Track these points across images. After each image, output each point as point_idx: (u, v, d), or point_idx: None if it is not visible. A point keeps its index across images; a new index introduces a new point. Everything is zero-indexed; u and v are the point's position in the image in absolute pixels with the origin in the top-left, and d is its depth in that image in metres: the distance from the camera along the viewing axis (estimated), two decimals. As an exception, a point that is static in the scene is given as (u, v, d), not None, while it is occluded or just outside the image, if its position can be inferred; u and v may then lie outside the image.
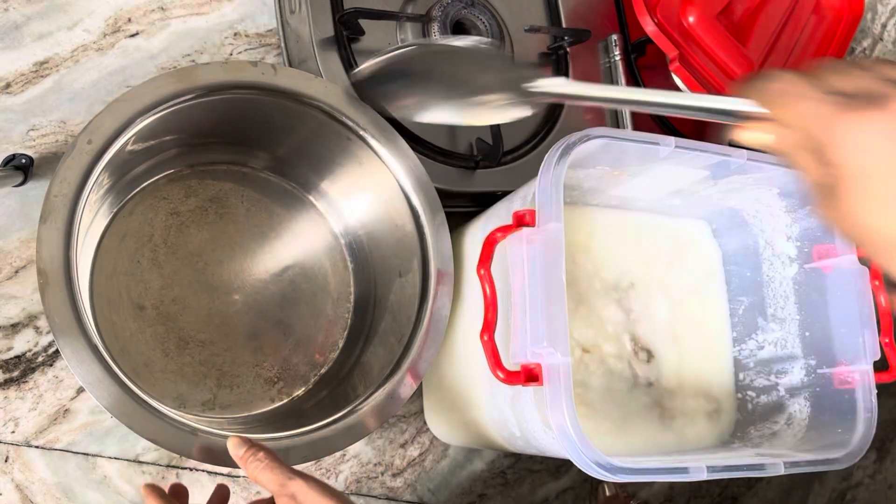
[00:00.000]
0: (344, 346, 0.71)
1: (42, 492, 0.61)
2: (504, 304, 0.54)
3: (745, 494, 0.94)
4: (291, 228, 0.71)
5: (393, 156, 0.64)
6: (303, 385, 0.69)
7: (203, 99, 0.57)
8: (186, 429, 0.52)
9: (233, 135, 0.66)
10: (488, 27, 0.73)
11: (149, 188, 0.65)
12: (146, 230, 0.65)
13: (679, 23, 0.79)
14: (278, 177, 0.71)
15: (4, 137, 0.63)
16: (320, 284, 0.71)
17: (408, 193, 0.64)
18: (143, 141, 0.58)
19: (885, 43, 1.15)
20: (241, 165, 0.69)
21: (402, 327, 0.64)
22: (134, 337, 0.63)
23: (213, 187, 0.68)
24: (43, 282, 0.48)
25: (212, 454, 0.52)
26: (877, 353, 0.63)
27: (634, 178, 0.64)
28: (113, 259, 0.63)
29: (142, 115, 0.54)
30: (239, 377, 0.66)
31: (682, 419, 0.69)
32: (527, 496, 0.80)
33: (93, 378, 0.49)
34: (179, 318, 0.65)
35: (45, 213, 0.50)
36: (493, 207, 0.67)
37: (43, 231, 0.49)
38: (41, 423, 0.61)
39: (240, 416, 0.66)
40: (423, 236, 0.64)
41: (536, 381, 0.51)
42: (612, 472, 0.50)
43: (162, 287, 0.65)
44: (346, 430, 0.57)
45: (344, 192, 0.71)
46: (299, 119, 0.63)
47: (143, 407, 0.51)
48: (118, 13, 0.68)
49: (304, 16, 0.68)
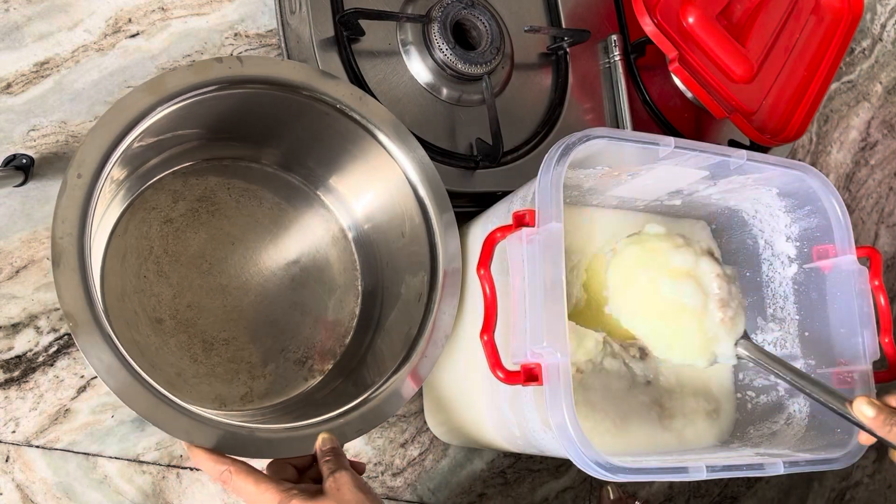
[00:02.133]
0: (359, 323, 0.72)
1: (43, 491, 0.61)
2: (504, 304, 0.54)
3: (744, 494, 0.94)
4: (297, 220, 0.71)
5: (402, 151, 0.64)
6: (332, 359, 0.70)
7: (181, 104, 0.57)
8: (244, 430, 0.53)
9: (224, 132, 0.66)
10: (488, 28, 0.73)
11: (136, 202, 0.65)
12: (144, 244, 0.64)
13: (679, 23, 0.80)
14: (285, 172, 0.71)
15: (5, 138, 0.63)
16: (327, 266, 0.72)
17: (416, 189, 0.65)
18: (127, 163, 0.59)
19: (885, 43, 1.15)
20: (222, 160, 0.69)
21: (411, 319, 0.64)
22: (160, 350, 0.63)
23: (198, 186, 0.68)
24: (73, 325, 0.49)
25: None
26: (876, 352, 0.63)
27: (634, 178, 0.65)
28: (119, 280, 0.63)
29: (124, 136, 0.54)
30: (269, 365, 0.67)
31: (681, 419, 0.69)
32: (527, 496, 0.80)
33: (146, 405, 0.50)
34: (198, 323, 0.65)
35: (55, 257, 0.50)
36: (493, 207, 0.67)
37: (59, 276, 0.49)
38: (42, 423, 0.61)
39: (278, 402, 0.66)
40: (431, 233, 0.65)
41: (536, 380, 0.51)
42: (611, 472, 0.50)
43: (174, 296, 0.65)
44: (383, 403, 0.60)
45: (352, 187, 0.71)
46: (302, 114, 0.64)
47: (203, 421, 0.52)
48: (119, 13, 0.68)
49: (304, 16, 0.68)
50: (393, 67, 0.72)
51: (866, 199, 1.10)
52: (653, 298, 0.61)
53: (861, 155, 1.10)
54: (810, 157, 1.06)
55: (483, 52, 0.72)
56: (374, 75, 0.70)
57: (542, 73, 0.80)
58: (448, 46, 0.71)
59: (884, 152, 1.12)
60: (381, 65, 0.71)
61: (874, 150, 1.11)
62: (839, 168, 1.08)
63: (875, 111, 1.12)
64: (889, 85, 1.14)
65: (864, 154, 1.10)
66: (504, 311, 0.54)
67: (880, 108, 1.13)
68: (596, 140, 0.56)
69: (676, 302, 0.60)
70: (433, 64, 0.72)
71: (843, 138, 1.09)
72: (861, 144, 1.10)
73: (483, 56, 0.72)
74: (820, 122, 1.08)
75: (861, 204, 1.09)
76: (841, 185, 1.08)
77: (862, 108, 1.11)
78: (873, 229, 1.10)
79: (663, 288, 0.60)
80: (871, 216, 1.10)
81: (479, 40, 0.73)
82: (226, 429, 0.52)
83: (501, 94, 0.76)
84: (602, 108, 0.82)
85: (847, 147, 1.09)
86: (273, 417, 0.64)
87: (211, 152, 0.68)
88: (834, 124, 1.09)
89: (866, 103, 1.12)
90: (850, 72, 1.12)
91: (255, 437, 0.53)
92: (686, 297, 0.60)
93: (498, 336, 0.53)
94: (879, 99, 1.13)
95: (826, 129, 1.08)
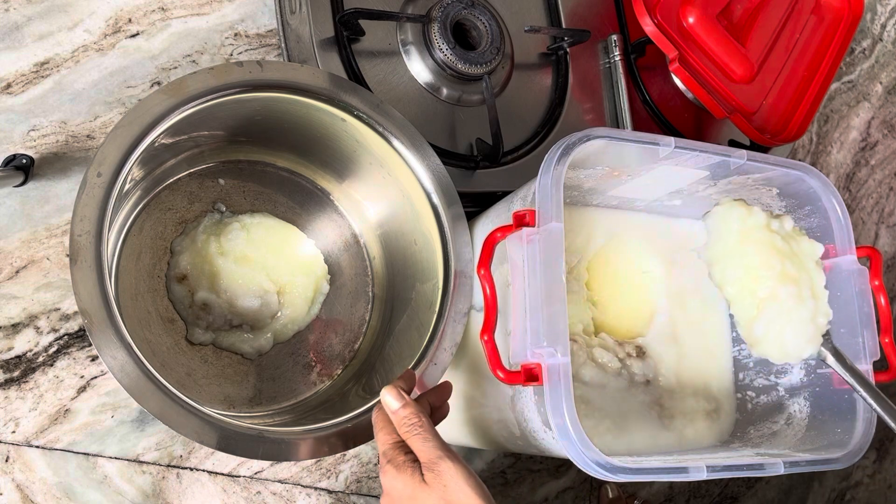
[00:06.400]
0: (369, 329, 0.72)
1: (42, 492, 0.61)
2: (504, 304, 0.54)
3: (744, 494, 0.94)
4: (310, 225, 0.71)
5: (417, 159, 0.64)
6: (340, 364, 0.70)
7: (200, 106, 0.57)
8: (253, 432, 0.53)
9: (240, 135, 0.66)
10: (488, 28, 0.73)
11: (152, 202, 0.65)
12: (159, 244, 0.65)
13: (679, 23, 0.80)
14: (299, 176, 0.71)
15: (5, 138, 0.63)
16: (339, 271, 0.72)
17: (431, 196, 0.65)
18: (145, 164, 0.59)
19: (885, 43, 1.15)
20: (238, 163, 0.69)
21: (423, 322, 0.64)
22: (171, 350, 0.63)
23: (214, 189, 0.68)
24: (88, 322, 0.49)
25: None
26: (876, 353, 0.63)
27: (634, 178, 0.65)
28: (133, 279, 0.63)
29: (144, 137, 0.54)
30: (278, 368, 0.67)
31: (681, 419, 0.69)
32: (527, 496, 0.80)
33: (158, 403, 0.50)
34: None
35: (73, 254, 0.50)
36: (493, 207, 0.67)
37: (76, 273, 0.50)
38: (42, 423, 0.61)
39: (286, 405, 0.67)
40: (445, 241, 0.64)
41: (536, 380, 0.51)
42: (611, 472, 0.50)
43: (186, 296, 0.65)
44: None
45: (365, 193, 0.71)
46: (319, 119, 0.64)
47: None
48: (119, 14, 0.68)
49: (304, 16, 0.68)
50: (393, 67, 0.72)
51: (866, 199, 1.10)
52: (761, 277, 0.61)
53: (861, 155, 1.10)
54: (810, 157, 1.06)
55: (483, 52, 0.72)
56: (374, 75, 0.70)
57: (542, 73, 0.80)
58: (448, 46, 0.71)
59: (884, 152, 1.12)
60: (381, 65, 0.71)
61: (874, 150, 1.11)
62: (839, 168, 1.08)
63: (875, 111, 1.12)
64: (889, 85, 1.14)
65: (864, 154, 1.10)
66: (504, 310, 0.54)
67: (880, 108, 1.13)
68: (596, 140, 0.56)
69: (787, 281, 0.60)
70: (433, 64, 0.72)
71: (844, 138, 1.09)
72: (861, 144, 1.10)
73: (483, 56, 0.72)
74: (820, 122, 1.08)
75: (861, 204, 1.09)
76: (841, 185, 1.08)
77: (862, 108, 1.11)
78: (873, 229, 1.10)
79: (773, 266, 0.61)
80: (872, 216, 1.10)
81: (479, 40, 0.73)
82: (236, 430, 0.52)
83: (501, 94, 0.76)
84: (602, 108, 0.82)
85: (847, 147, 1.09)
86: (281, 420, 0.64)
87: (227, 155, 0.68)
88: (834, 124, 1.09)
89: (866, 103, 1.12)
90: (850, 72, 1.12)
91: (264, 438, 0.53)
92: (795, 282, 0.60)
93: (498, 336, 0.53)
94: (879, 99, 1.13)
95: (826, 129, 1.08)
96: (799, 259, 0.63)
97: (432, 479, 0.47)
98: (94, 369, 0.63)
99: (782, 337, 0.62)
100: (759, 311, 0.62)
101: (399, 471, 0.48)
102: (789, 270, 0.62)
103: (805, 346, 0.63)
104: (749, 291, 0.63)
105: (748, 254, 0.63)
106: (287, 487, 0.69)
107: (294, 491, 0.70)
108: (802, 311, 0.62)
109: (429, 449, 0.49)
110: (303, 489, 0.70)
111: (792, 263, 0.62)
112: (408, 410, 0.51)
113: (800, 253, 0.64)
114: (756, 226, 0.64)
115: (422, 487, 0.47)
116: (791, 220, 0.66)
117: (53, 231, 0.63)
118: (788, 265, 0.62)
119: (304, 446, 0.55)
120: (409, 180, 0.65)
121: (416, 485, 0.47)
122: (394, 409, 0.51)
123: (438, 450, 0.48)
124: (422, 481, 0.47)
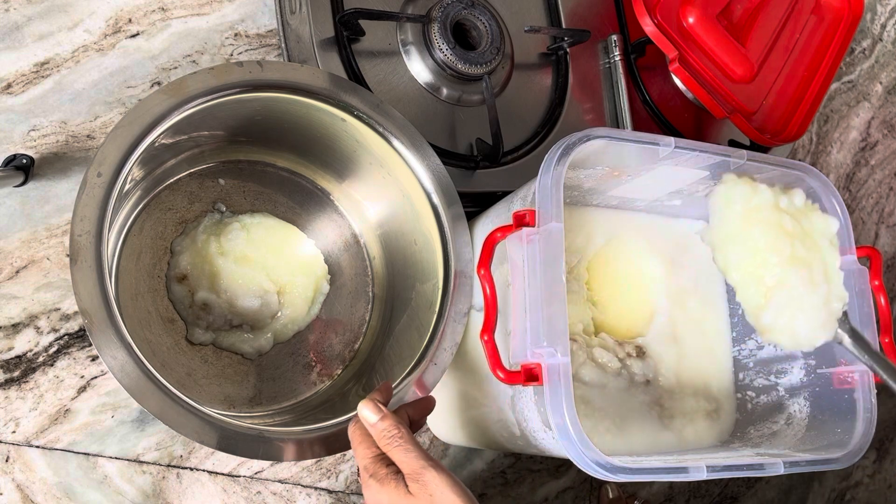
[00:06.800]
0: (369, 330, 0.72)
1: (43, 491, 0.61)
2: (504, 304, 0.54)
3: (744, 494, 0.94)
4: (310, 225, 0.71)
5: (417, 159, 0.64)
6: (340, 364, 0.70)
7: (200, 106, 0.57)
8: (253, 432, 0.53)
9: (241, 135, 0.66)
10: (488, 28, 0.73)
11: (152, 202, 0.65)
12: (159, 244, 0.65)
13: (679, 23, 0.80)
14: (299, 176, 0.71)
15: (5, 138, 0.63)
16: (339, 271, 0.72)
17: (431, 196, 0.65)
18: (145, 164, 0.59)
19: (885, 43, 1.15)
20: (238, 163, 0.69)
21: (424, 321, 0.64)
22: (171, 350, 0.63)
23: (214, 188, 0.68)
24: (89, 322, 0.49)
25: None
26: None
27: (634, 178, 0.65)
28: (133, 279, 0.63)
29: (144, 137, 0.54)
30: (278, 368, 0.67)
31: (681, 419, 0.69)
32: (527, 496, 0.80)
33: (158, 403, 0.50)
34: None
35: (73, 254, 0.50)
36: (493, 207, 0.67)
37: (76, 273, 0.50)
38: (42, 423, 0.61)
39: (286, 405, 0.66)
40: (445, 241, 0.64)
41: (536, 380, 0.51)
42: (611, 472, 0.50)
43: (186, 296, 0.65)
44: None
45: (366, 193, 0.71)
46: (319, 119, 0.64)
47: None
48: (119, 14, 0.68)
49: (304, 16, 0.68)
50: (393, 67, 0.72)
51: (866, 199, 1.10)
52: (768, 262, 0.58)
53: (861, 155, 1.10)
54: (810, 157, 1.06)
55: (483, 52, 0.72)
56: (374, 75, 0.70)
57: (542, 73, 0.80)
58: (448, 46, 0.71)
59: (884, 152, 1.12)
60: (381, 65, 0.71)
61: (874, 150, 1.11)
62: (839, 168, 1.08)
63: (875, 111, 1.12)
64: (889, 85, 1.14)
65: (864, 154, 1.10)
66: (504, 310, 0.54)
67: (880, 108, 1.13)
68: (596, 140, 0.56)
69: (798, 263, 0.57)
70: (433, 64, 0.72)
71: (844, 138, 1.09)
72: (861, 144, 1.10)
73: (483, 56, 0.72)
74: (820, 122, 1.08)
75: (861, 204, 1.09)
76: (841, 185, 1.08)
77: (862, 108, 1.11)
78: (873, 229, 1.10)
79: (782, 249, 0.57)
80: (872, 216, 1.10)
81: (479, 40, 0.73)
82: (236, 430, 0.52)
83: (501, 94, 0.76)
84: (602, 108, 0.82)
85: (847, 147, 1.09)
86: (281, 420, 0.64)
87: (227, 155, 0.68)
88: (834, 124, 1.09)
89: (866, 103, 1.12)
90: (850, 72, 1.12)
91: (265, 438, 0.53)
92: (806, 264, 0.57)
93: (498, 336, 0.53)
94: (879, 99, 1.13)
95: (826, 129, 1.08)
96: (811, 238, 0.59)
97: (417, 490, 0.46)
98: (94, 369, 0.63)
99: (793, 325, 0.59)
100: (766, 299, 0.59)
101: (382, 484, 0.47)
102: (799, 253, 0.58)
103: (819, 333, 0.59)
104: (755, 278, 0.59)
105: (753, 236, 0.58)
106: (287, 487, 0.69)
107: (294, 491, 0.70)
108: (814, 296, 0.58)
109: (411, 459, 0.48)
110: (303, 489, 0.70)
111: (802, 244, 0.58)
112: (387, 422, 0.50)
113: (812, 231, 0.60)
114: (762, 205, 0.59)
115: (407, 499, 0.46)
116: (802, 193, 0.61)
117: (53, 231, 0.63)
118: (799, 247, 0.58)
119: (305, 446, 0.55)
120: (409, 180, 0.65)
121: (401, 497, 0.47)
122: (372, 423, 0.50)
123: (421, 459, 0.47)
124: (407, 493, 0.47)
